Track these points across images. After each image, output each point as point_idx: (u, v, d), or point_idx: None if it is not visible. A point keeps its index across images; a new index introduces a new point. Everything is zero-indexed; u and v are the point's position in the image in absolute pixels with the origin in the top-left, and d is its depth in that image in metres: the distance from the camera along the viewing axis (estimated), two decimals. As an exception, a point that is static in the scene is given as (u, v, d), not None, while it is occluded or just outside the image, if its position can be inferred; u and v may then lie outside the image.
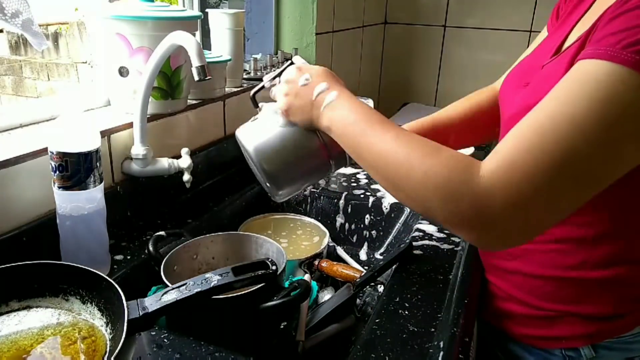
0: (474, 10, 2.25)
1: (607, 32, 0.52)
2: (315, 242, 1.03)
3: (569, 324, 0.72)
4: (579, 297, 0.71)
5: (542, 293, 0.74)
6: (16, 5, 0.73)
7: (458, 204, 0.54)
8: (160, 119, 0.98)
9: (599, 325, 0.71)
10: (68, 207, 0.72)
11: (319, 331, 0.78)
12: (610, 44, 0.51)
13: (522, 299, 0.76)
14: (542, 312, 0.74)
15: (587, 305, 0.71)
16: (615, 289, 0.70)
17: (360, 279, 0.83)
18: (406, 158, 0.59)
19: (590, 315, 0.71)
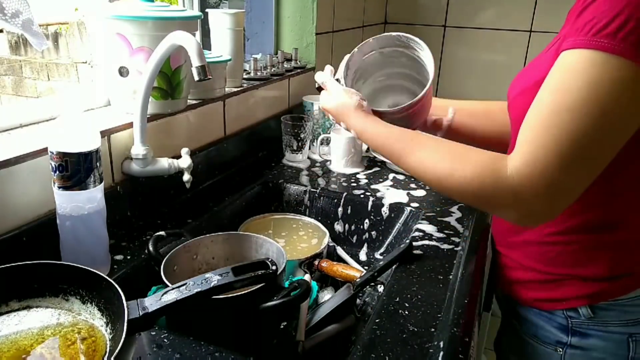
0: (473, 10, 2.25)
1: (580, 23, 0.60)
2: (315, 242, 1.03)
3: (570, 287, 0.79)
4: (578, 260, 0.78)
5: (547, 259, 0.81)
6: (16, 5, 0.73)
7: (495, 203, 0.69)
8: (160, 119, 0.98)
9: (596, 287, 0.77)
10: (68, 207, 0.72)
11: (319, 331, 0.78)
12: (584, 32, 0.59)
13: (529, 265, 0.84)
14: (547, 276, 0.81)
15: (585, 267, 0.78)
16: (610, 252, 0.77)
17: (360, 279, 0.83)
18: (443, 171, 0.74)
19: (588, 277, 0.78)
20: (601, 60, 0.57)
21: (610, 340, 0.79)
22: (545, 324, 0.83)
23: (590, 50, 0.58)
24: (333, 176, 1.25)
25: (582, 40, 0.58)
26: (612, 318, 0.78)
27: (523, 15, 2.18)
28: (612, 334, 0.79)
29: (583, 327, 0.80)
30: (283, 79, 1.44)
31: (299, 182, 1.19)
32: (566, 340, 0.81)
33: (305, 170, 1.27)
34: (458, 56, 2.35)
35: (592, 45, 0.57)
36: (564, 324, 0.81)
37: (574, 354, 0.81)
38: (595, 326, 0.79)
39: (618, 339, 0.79)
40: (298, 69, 1.54)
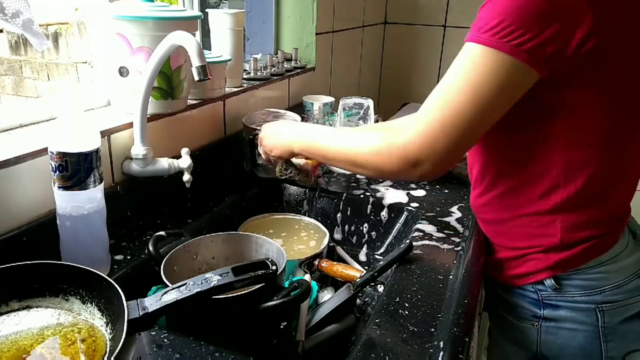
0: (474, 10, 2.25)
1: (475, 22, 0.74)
2: (315, 242, 1.03)
3: (533, 260, 0.86)
4: (535, 231, 0.84)
5: (513, 235, 0.88)
6: (17, 5, 0.73)
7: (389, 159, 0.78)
8: (160, 119, 0.98)
9: (555, 258, 0.83)
10: (68, 207, 0.72)
11: (319, 331, 0.78)
12: (473, 30, 0.73)
13: (501, 244, 0.91)
14: (515, 252, 0.88)
15: (541, 238, 0.84)
16: (559, 219, 0.82)
17: (360, 279, 0.83)
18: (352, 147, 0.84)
19: (546, 247, 0.84)
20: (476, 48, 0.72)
21: (578, 311, 0.84)
22: (520, 300, 0.89)
23: (472, 43, 0.72)
24: (333, 176, 1.25)
25: (470, 36, 0.74)
26: (576, 288, 0.83)
27: (523, 15, 2.18)
28: (580, 304, 0.83)
29: (552, 299, 0.85)
30: (283, 79, 1.44)
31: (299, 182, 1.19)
32: (539, 314, 0.87)
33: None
34: (458, 56, 2.35)
35: (474, 39, 0.72)
36: (535, 297, 0.87)
37: (548, 326, 0.87)
38: (562, 297, 0.84)
39: (586, 309, 0.83)
40: (298, 69, 1.54)
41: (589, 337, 0.84)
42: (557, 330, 0.86)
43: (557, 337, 0.86)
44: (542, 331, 0.87)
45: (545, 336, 0.87)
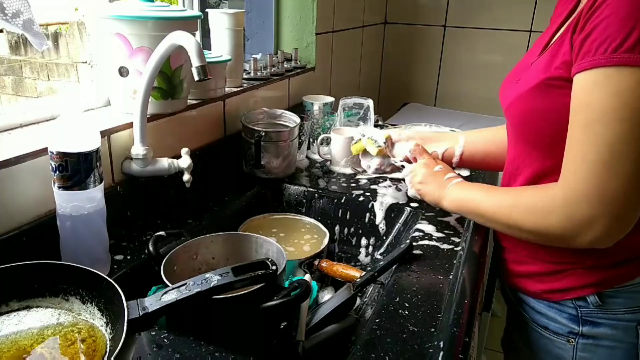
0: (474, 10, 2.25)
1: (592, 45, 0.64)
2: (315, 242, 1.03)
3: (575, 276, 0.81)
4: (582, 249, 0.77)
5: (552, 249, 0.82)
6: (17, 5, 0.73)
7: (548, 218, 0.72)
8: (160, 119, 0.98)
9: (601, 274, 0.79)
10: (68, 207, 0.72)
11: (319, 331, 0.78)
12: (600, 52, 0.62)
13: (536, 257, 0.86)
14: (554, 266, 0.83)
15: (589, 255, 0.78)
16: None
17: (360, 279, 0.83)
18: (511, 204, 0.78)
19: (592, 264, 0.79)
20: (621, 73, 0.61)
21: (619, 329, 0.80)
22: (556, 315, 0.85)
23: (610, 67, 0.62)
24: (333, 176, 1.25)
25: (598, 60, 0.63)
26: (620, 305, 0.80)
27: (523, 15, 2.19)
28: (621, 322, 0.80)
29: (593, 316, 0.81)
30: (283, 79, 1.44)
31: (299, 182, 1.19)
32: (577, 331, 0.83)
33: (305, 171, 1.27)
34: (458, 56, 2.35)
35: (613, 62, 0.61)
36: (574, 314, 0.82)
37: (585, 343, 0.83)
38: (604, 314, 0.80)
39: (627, 327, 0.80)
40: (298, 69, 1.54)
41: (627, 355, 0.81)
42: (594, 348, 0.82)
43: (594, 355, 0.83)
44: (578, 348, 0.83)
45: (582, 354, 0.83)
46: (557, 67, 0.71)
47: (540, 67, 0.76)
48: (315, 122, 1.39)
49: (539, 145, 0.79)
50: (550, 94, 0.73)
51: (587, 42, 0.65)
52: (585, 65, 0.65)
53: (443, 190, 0.92)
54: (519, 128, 0.83)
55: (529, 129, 0.79)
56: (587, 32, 0.65)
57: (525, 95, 0.77)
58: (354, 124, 1.45)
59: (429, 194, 0.95)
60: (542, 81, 0.74)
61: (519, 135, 0.84)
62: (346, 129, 1.33)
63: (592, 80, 0.64)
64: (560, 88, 0.71)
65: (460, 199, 0.88)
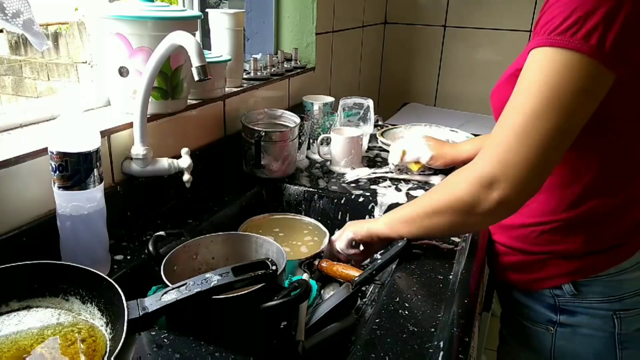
0: (474, 10, 2.25)
1: (541, 24, 0.67)
2: (315, 242, 1.03)
3: (553, 265, 0.84)
4: (558, 238, 0.83)
5: (531, 239, 0.86)
6: (17, 5, 0.73)
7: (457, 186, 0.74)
8: (160, 119, 0.98)
9: (576, 263, 0.82)
10: (68, 207, 0.72)
11: (318, 331, 0.78)
12: (542, 32, 0.66)
13: (517, 247, 0.89)
14: (533, 256, 0.86)
15: (564, 244, 0.82)
16: (585, 228, 0.81)
17: (359, 277, 0.83)
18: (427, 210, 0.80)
19: (568, 254, 0.82)
20: (552, 52, 0.65)
21: (596, 317, 0.83)
22: (535, 304, 0.88)
23: (545, 47, 0.66)
24: (333, 176, 1.25)
25: (539, 40, 0.67)
26: (595, 295, 0.82)
27: (523, 15, 2.18)
28: (597, 310, 0.82)
29: (569, 305, 0.84)
30: (283, 79, 1.44)
31: (299, 182, 1.19)
32: (555, 319, 0.86)
33: (305, 171, 1.27)
34: (458, 56, 2.35)
35: (547, 42, 0.66)
36: (551, 302, 0.85)
37: (563, 332, 0.85)
38: (580, 303, 0.83)
39: (603, 315, 0.82)
40: (298, 69, 1.54)
41: (604, 343, 0.83)
42: (572, 336, 0.85)
43: (573, 343, 0.85)
44: (557, 337, 0.86)
45: (561, 342, 0.86)
46: (523, 57, 0.74)
47: (516, 60, 0.80)
48: (315, 122, 1.39)
49: None
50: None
51: (537, 26, 0.69)
52: (530, 46, 0.69)
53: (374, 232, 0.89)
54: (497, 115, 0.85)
55: None
56: (541, 15, 0.69)
57: (500, 87, 0.82)
58: (354, 124, 1.45)
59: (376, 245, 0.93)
60: (513, 72, 0.78)
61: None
62: (346, 129, 1.33)
63: (531, 58, 0.68)
64: None
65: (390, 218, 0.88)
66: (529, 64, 0.68)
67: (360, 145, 1.30)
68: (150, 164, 0.91)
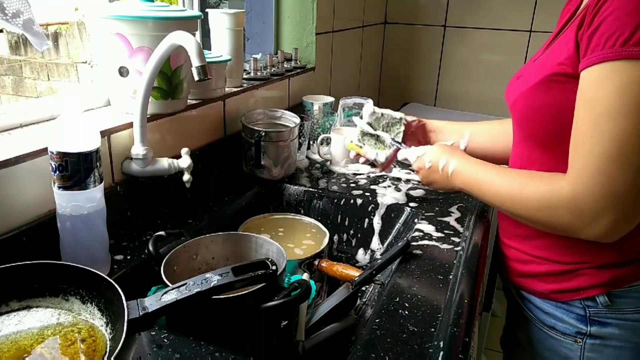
0: (474, 10, 2.25)
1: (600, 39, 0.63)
2: (315, 242, 1.03)
3: (585, 276, 0.80)
4: (591, 247, 0.78)
5: (560, 249, 0.82)
6: (17, 5, 0.73)
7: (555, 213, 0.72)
8: (160, 119, 0.98)
9: (610, 274, 0.79)
10: (68, 207, 0.72)
11: (318, 331, 0.78)
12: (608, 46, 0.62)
13: (543, 257, 0.85)
14: (562, 266, 0.82)
15: (598, 254, 0.79)
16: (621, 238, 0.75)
17: (358, 277, 0.83)
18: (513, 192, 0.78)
19: (602, 264, 0.79)
20: (629, 66, 0.61)
21: (627, 329, 0.80)
22: (564, 315, 0.84)
23: (618, 61, 0.61)
24: (333, 176, 1.25)
25: (606, 54, 0.62)
26: (628, 305, 0.79)
27: (523, 15, 2.18)
28: (629, 322, 0.80)
29: (601, 316, 0.81)
30: (283, 79, 1.44)
31: (298, 182, 1.19)
32: (585, 331, 0.82)
33: (305, 171, 1.27)
34: (458, 56, 2.35)
35: (621, 55, 0.61)
36: (582, 314, 0.82)
37: (593, 343, 0.82)
38: (612, 314, 0.80)
39: (635, 327, 0.80)
40: (298, 69, 1.54)
41: (634, 355, 0.81)
42: (602, 349, 0.82)
43: (602, 355, 0.82)
44: (586, 349, 0.83)
45: (590, 354, 0.83)
46: (561, 63, 0.71)
47: (545, 64, 0.76)
48: (315, 122, 1.39)
49: (542, 142, 0.79)
50: (554, 90, 0.73)
51: (594, 37, 0.65)
52: (593, 60, 0.64)
53: (448, 183, 0.93)
54: (523, 125, 0.83)
55: (533, 126, 0.80)
56: (594, 27, 0.65)
57: (529, 91, 0.77)
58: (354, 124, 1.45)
59: (441, 189, 0.98)
60: (546, 77, 0.74)
61: (523, 132, 0.84)
62: (346, 129, 1.33)
63: (600, 74, 0.64)
64: (564, 84, 0.71)
65: (466, 184, 0.89)
66: (602, 81, 0.64)
67: (360, 145, 1.30)
68: (150, 164, 0.91)
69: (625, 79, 0.62)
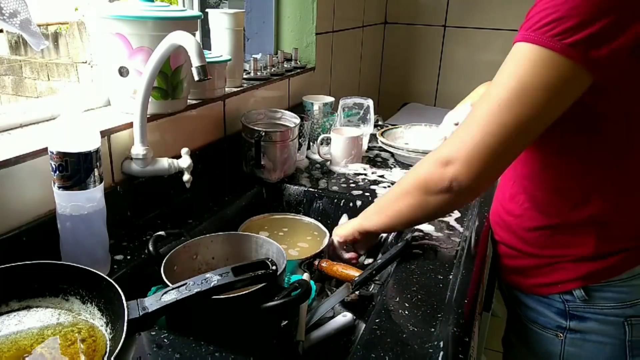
0: (474, 10, 2.25)
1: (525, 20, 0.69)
2: (315, 242, 1.03)
3: (563, 270, 0.82)
4: (567, 241, 0.82)
5: (541, 242, 0.85)
6: (14, 5, 0.73)
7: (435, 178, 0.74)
8: (160, 119, 0.98)
9: (587, 267, 0.80)
10: (68, 207, 0.72)
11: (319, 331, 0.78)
12: (523, 28, 0.68)
13: (526, 251, 0.87)
14: (542, 260, 0.85)
15: (575, 247, 0.81)
16: (594, 230, 0.80)
17: (358, 277, 0.83)
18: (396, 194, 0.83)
19: (578, 257, 0.81)
20: (525, 47, 0.67)
21: (607, 324, 0.81)
22: (545, 309, 0.86)
23: (522, 42, 0.67)
24: (333, 176, 1.25)
25: (519, 36, 0.69)
26: (606, 300, 0.80)
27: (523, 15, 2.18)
28: (608, 317, 0.81)
29: (580, 311, 0.82)
30: (283, 79, 1.44)
31: (298, 182, 1.19)
32: (565, 325, 0.84)
33: (305, 171, 1.27)
34: (458, 56, 2.35)
35: (523, 38, 0.67)
36: (561, 308, 0.84)
37: (573, 338, 0.84)
38: (591, 309, 0.81)
39: (614, 322, 0.81)
40: (298, 69, 1.54)
41: (615, 350, 0.81)
42: (582, 343, 0.83)
43: (582, 349, 0.84)
44: (566, 343, 0.84)
45: (570, 348, 0.84)
46: None
47: None
48: (315, 122, 1.39)
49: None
50: None
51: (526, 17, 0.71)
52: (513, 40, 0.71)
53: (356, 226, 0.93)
54: None
55: None
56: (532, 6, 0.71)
57: None
58: (354, 124, 1.45)
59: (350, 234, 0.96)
60: None
61: None
62: (346, 129, 1.33)
63: (510, 52, 0.70)
64: None
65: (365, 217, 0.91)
66: (508, 57, 0.70)
67: (360, 145, 1.30)
68: (150, 164, 0.91)
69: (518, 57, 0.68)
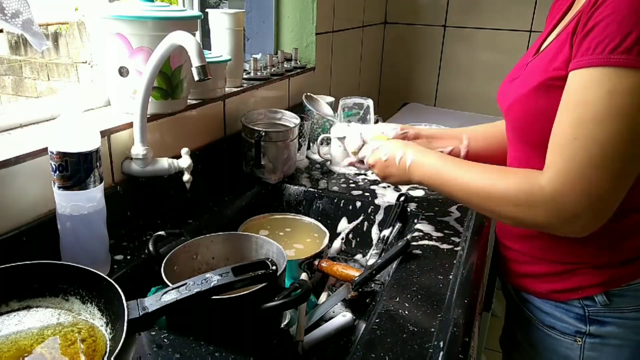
0: (474, 10, 2.25)
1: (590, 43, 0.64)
2: (315, 242, 1.03)
3: (584, 275, 0.81)
4: (589, 247, 0.79)
5: (559, 249, 0.83)
6: (16, 5, 0.73)
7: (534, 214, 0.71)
8: (160, 119, 0.98)
9: (609, 273, 0.79)
10: (68, 207, 0.72)
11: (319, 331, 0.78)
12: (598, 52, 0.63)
13: (542, 257, 0.85)
14: (561, 266, 0.83)
15: (596, 254, 0.80)
16: (618, 237, 0.78)
17: (358, 278, 0.83)
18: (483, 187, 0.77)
19: (600, 264, 0.80)
20: (617, 74, 0.62)
21: (627, 327, 0.81)
22: (563, 315, 0.84)
23: (605, 67, 0.63)
24: (333, 176, 1.25)
25: (596, 59, 0.63)
26: (627, 304, 0.80)
27: (523, 15, 2.18)
28: (628, 320, 0.80)
29: (600, 315, 0.81)
30: (283, 79, 1.44)
31: (298, 182, 1.19)
32: (585, 330, 0.83)
33: (305, 171, 1.27)
34: (458, 56, 2.35)
35: (609, 62, 0.62)
36: (581, 313, 0.82)
37: (593, 342, 0.83)
38: (611, 313, 0.81)
39: (634, 325, 0.80)
40: (298, 69, 1.54)
41: (634, 353, 0.81)
42: (602, 347, 0.83)
43: (602, 354, 0.83)
44: (585, 348, 0.83)
45: (589, 353, 0.83)
46: (558, 67, 0.71)
47: (540, 67, 0.76)
48: (315, 122, 1.39)
49: (539, 145, 0.79)
50: (553, 93, 0.73)
51: (586, 40, 0.65)
52: (583, 63, 0.65)
53: (405, 176, 0.92)
54: (521, 129, 0.83)
55: (532, 130, 0.79)
56: (587, 30, 0.65)
57: (527, 96, 0.77)
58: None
59: (398, 182, 0.99)
60: (544, 81, 0.74)
61: (520, 136, 0.84)
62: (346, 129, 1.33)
63: (589, 79, 0.65)
64: (561, 88, 0.71)
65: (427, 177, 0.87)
66: (589, 85, 0.65)
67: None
68: (150, 164, 0.91)
69: (611, 86, 0.63)
